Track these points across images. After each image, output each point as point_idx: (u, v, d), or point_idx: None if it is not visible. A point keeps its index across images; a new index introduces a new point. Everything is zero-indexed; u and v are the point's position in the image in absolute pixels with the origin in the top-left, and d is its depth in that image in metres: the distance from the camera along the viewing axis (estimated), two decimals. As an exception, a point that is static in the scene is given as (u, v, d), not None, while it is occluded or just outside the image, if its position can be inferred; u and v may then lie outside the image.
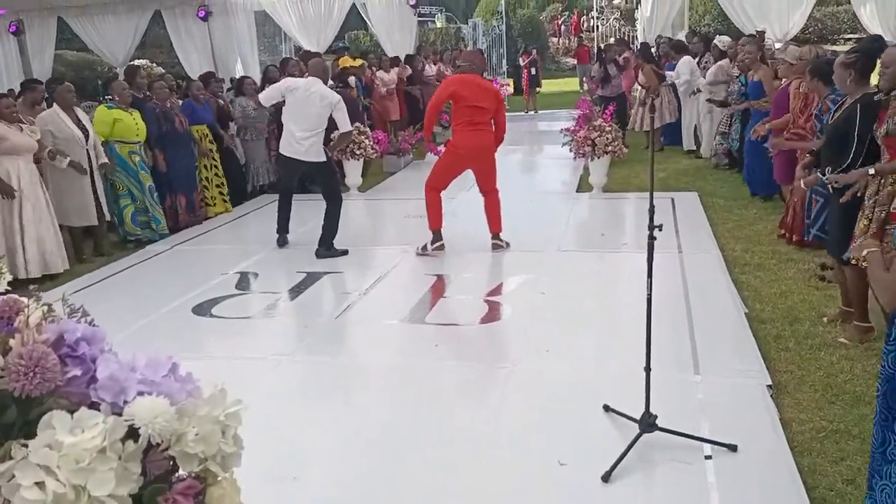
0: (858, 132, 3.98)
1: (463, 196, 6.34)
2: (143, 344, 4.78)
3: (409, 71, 13.12)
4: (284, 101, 6.46)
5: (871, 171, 3.79)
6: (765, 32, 11.18)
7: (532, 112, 17.26)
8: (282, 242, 6.78)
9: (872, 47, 4.22)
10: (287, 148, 6.46)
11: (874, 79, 4.16)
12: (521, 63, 18.43)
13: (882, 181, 3.80)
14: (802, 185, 4.66)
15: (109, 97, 7.70)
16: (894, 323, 2.21)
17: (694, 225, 6.77)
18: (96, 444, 1.08)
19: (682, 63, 10.13)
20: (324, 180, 6.61)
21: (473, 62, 6.37)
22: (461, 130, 6.08)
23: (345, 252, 6.42)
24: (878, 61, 4.01)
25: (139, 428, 1.11)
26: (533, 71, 17.98)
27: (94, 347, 1.20)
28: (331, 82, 10.12)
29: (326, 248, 6.42)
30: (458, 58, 7.75)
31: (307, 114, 6.28)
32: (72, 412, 1.11)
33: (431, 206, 6.22)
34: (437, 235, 6.23)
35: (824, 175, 4.14)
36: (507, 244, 6.34)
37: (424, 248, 6.24)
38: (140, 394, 1.14)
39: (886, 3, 11.14)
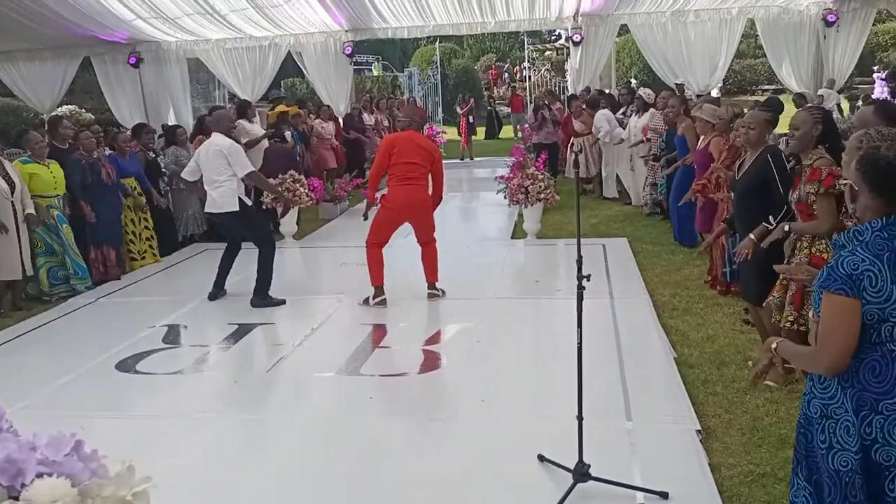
0: (780, 182, 4.19)
1: (400, 243, 6.35)
2: (65, 403, 4.58)
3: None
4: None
5: (787, 227, 3.96)
6: (683, 86, 11.71)
7: (468, 159, 17.55)
8: (213, 296, 6.57)
9: (781, 105, 4.50)
10: (207, 205, 6.52)
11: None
12: (460, 111, 18.76)
13: (798, 243, 3.97)
14: (739, 253, 4.62)
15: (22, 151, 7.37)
16: (809, 378, 2.29)
17: (624, 270, 6.93)
18: (-11, 532, 1.01)
19: (598, 117, 10.61)
20: (246, 228, 6.49)
21: (412, 118, 6.48)
22: (394, 186, 6.12)
23: (282, 302, 6.32)
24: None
25: (37, 512, 1.05)
26: (470, 119, 18.37)
27: (-9, 426, 1.14)
28: (268, 132, 10.11)
29: (262, 297, 6.30)
30: (398, 109, 7.85)
31: (208, 166, 6.31)
32: (-37, 498, 1.05)
33: (372, 261, 6.17)
34: (379, 291, 6.17)
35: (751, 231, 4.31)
36: (443, 292, 6.34)
37: (367, 300, 6.18)
38: (39, 475, 1.08)
39: (799, 58, 11.84)
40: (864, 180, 2.17)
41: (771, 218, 4.21)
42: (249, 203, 6.53)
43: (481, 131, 22.00)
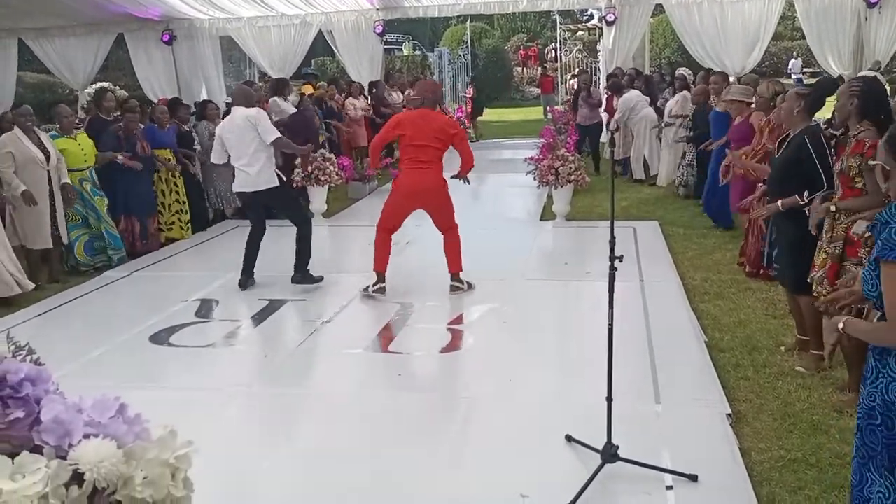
0: (818, 161, 4.10)
1: (429, 224, 6.34)
2: (99, 374, 4.67)
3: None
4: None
5: (833, 207, 3.88)
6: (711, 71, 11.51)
7: (474, 140, 17.25)
8: (244, 284, 6.25)
9: (828, 86, 4.39)
10: (239, 184, 6.25)
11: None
12: (469, 95, 18.58)
13: (836, 217, 3.90)
14: (757, 216, 4.76)
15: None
16: (873, 357, 2.22)
17: (655, 254, 6.87)
18: (38, 490, 1.04)
19: (620, 102, 10.68)
20: (284, 206, 6.43)
21: (425, 96, 6.07)
22: (404, 169, 5.89)
23: (320, 279, 6.25)
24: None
25: (84, 472, 1.07)
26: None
27: (39, 388, 1.16)
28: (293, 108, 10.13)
29: (303, 273, 6.22)
30: (411, 87, 7.56)
31: (237, 140, 6.05)
32: (13, 456, 1.07)
33: (378, 247, 5.96)
34: (380, 278, 5.95)
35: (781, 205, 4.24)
36: (469, 286, 6.01)
37: (366, 288, 5.99)
38: (86, 436, 1.11)
39: (840, 39, 11.55)
40: (894, 158, 2.15)
41: (806, 193, 4.14)
42: (285, 179, 6.36)
43: (511, 112, 21.82)
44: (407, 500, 3.21)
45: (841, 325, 2.33)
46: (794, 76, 21.87)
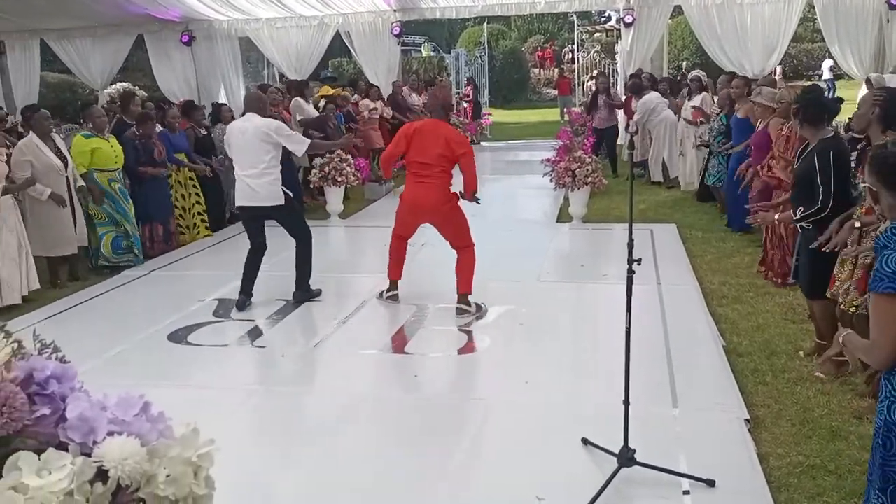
0: (819, 177, 4.08)
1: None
2: (118, 372, 4.71)
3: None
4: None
5: (857, 224, 3.85)
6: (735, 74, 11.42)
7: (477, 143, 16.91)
8: (242, 305, 5.87)
9: (815, 96, 4.36)
10: (242, 197, 5.82)
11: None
12: (467, 96, 18.11)
13: (864, 230, 3.86)
14: (776, 219, 4.73)
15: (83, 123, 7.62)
16: (884, 377, 2.24)
17: (672, 257, 6.83)
18: (63, 486, 1.05)
19: (639, 104, 10.59)
20: (288, 222, 6.01)
21: (433, 106, 5.84)
22: (407, 182, 5.67)
23: (318, 292, 6.05)
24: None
25: (108, 470, 1.08)
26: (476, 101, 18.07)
27: (65, 385, 1.18)
28: (321, 113, 10.18)
29: (304, 290, 5.97)
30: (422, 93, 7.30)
31: (247, 150, 5.66)
32: (39, 452, 1.09)
33: (391, 253, 5.81)
34: (393, 286, 5.81)
35: (796, 215, 4.24)
36: (479, 308, 5.60)
37: (381, 294, 5.90)
38: (110, 434, 1.12)
39: (861, 42, 11.43)
40: (879, 179, 2.19)
41: (801, 209, 4.15)
42: (290, 194, 6.00)
43: (527, 114, 21.74)
44: (422, 501, 3.21)
45: (841, 339, 2.34)
46: (824, 78, 21.43)
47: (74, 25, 13.01)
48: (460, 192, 5.61)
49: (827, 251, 3.98)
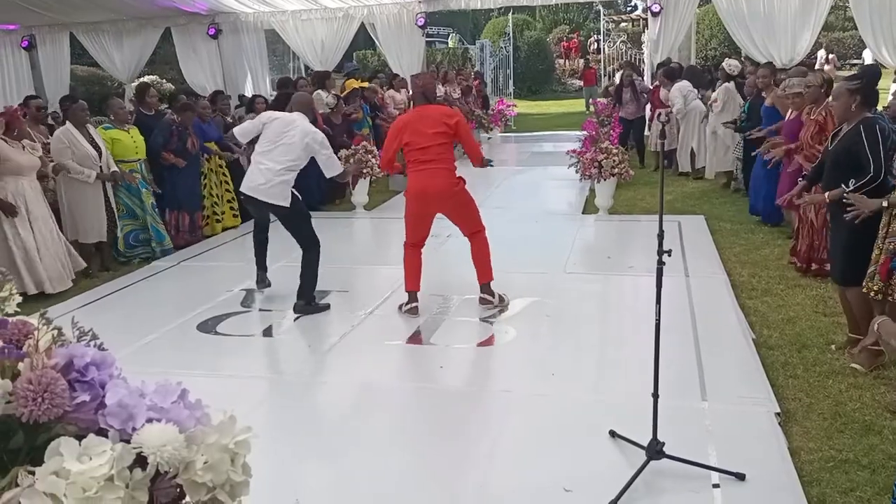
0: (868, 149, 4.00)
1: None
2: (149, 360, 4.78)
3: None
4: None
5: (885, 203, 3.78)
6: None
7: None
8: (261, 281, 5.96)
9: (874, 73, 4.27)
10: (247, 185, 5.60)
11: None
12: (475, 87, 17.95)
13: (893, 213, 3.79)
14: (827, 197, 4.44)
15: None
16: None
17: (701, 249, 6.76)
18: (104, 472, 1.06)
19: (674, 91, 10.30)
20: (294, 227, 5.73)
21: (416, 91, 5.62)
22: (410, 173, 5.46)
23: (326, 307, 5.70)
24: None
25: (147, 456, 1.09)
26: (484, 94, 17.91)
27: (104, 372, 1.19)
28: (339, 104, 10.20)
29: (306, 301, 5.62)
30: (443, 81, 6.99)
31: (282, 144, 5.50)
32: (79, 438, 1.10)
33: (405, 264, 5.54)
34: (412, 297, 5.48)
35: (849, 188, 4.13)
36: (503, 299, 5.53)
37: (400, 308, 5.56)
38: (149, 420, 1.13)
39: (893, 30, 11.18)
40: None
41: (852, 182, 4.04)
42: (299, 196, 5.74)
43: (552, 105, 21.61)
44: (447, 491, 3.22)
45: (876, 326, 2.29)
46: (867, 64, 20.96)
47: (103, 19, 13.19)
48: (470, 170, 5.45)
49: (857, 222, 3.91)
